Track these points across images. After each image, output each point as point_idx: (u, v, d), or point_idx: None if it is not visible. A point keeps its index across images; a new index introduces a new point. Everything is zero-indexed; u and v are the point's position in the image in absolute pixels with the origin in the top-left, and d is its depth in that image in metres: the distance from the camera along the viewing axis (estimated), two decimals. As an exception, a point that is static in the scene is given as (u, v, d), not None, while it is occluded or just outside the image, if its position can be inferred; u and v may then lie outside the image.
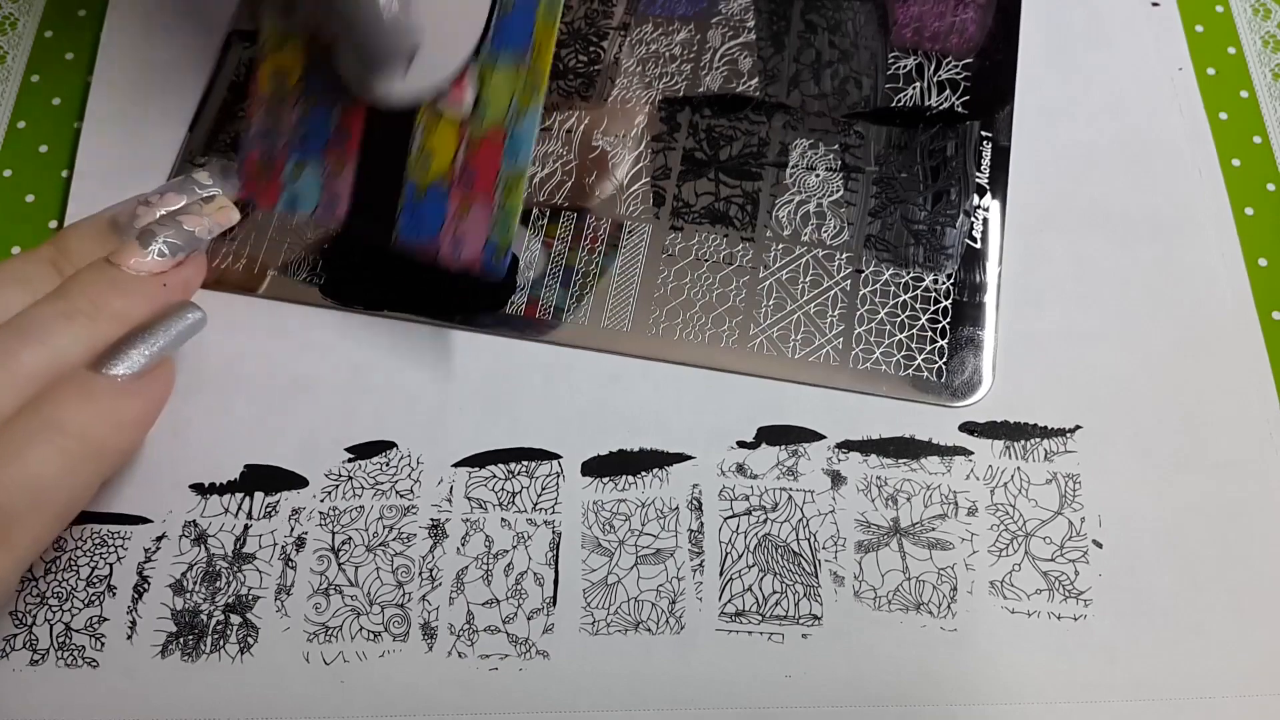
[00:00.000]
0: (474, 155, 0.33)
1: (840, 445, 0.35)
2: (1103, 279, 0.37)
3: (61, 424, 0.29)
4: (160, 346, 0.31)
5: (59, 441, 0.28)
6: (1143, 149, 0.39)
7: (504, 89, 0.33)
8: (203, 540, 0.34)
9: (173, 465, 0.35)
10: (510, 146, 0.33)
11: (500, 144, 0.33)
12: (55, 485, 0.28)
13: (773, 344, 0.36)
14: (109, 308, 0.31)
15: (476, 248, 0.33)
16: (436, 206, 0.34)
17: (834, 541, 0.33)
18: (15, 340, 0.29)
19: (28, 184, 0.40)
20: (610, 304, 0.36)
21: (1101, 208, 0.38)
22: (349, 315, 0.37)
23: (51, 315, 0.30)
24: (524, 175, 0.33)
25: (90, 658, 0.33)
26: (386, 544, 0.34)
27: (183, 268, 0.33)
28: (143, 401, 0.31)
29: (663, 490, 0.34)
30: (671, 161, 0.39)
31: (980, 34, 0.41)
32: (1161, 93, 0.40)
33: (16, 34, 0.43)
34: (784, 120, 0.39)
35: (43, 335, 0.30)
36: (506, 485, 0.34)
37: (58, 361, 0.30)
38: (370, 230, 0.35)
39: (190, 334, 0.32)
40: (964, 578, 0.33)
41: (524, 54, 0.33)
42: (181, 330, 0.32)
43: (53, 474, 0.28)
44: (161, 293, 0.32)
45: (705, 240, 0.37)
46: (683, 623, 0.32)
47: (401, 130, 0.34)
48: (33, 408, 0.29)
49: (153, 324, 0.31)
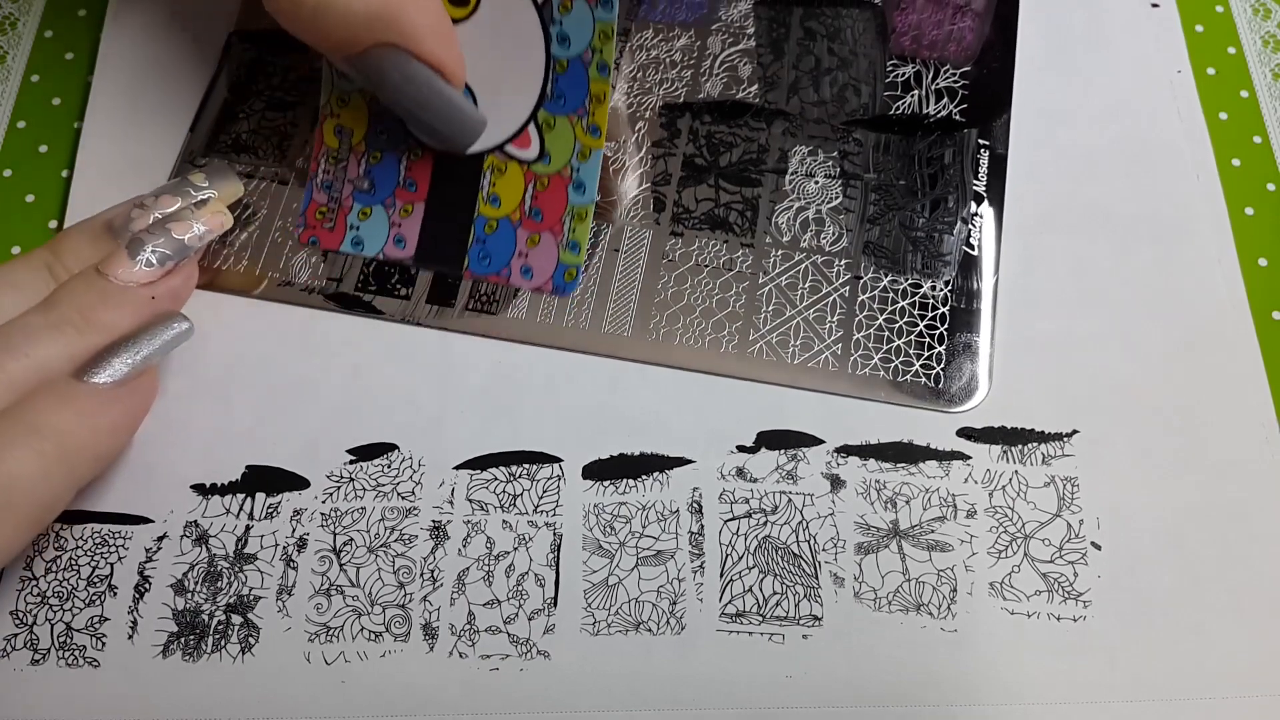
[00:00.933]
0: (540, 195, 0.35)
1: (839, 450, 0.35)
2: (1101, 281, 0.37)
3: (39, 427, 0.29)
4: (144, 355, 0.31)
5: (35, 444, 0.29)
6: (1142, 151, 0.39)
7: (565, 137, 0.35)
8: (204, 540, 0.34)
9: (174, 465, 0.35)
10: (575, 184, 0.35)
11: (566, 183, 0.35)
12: (30, 488, 0.29)
13: (772, 349, 0.36)
14: (96, 320, 0.31)
15: (547, 273, 0.36)
16: (506, 240, 0.36)
17: (834, 543, 0.33)
18: (4, 353, 0.30)
19: (28, 184, 0.40)
20: (611, 309, 0.37)
21: (1100, 210, 0.38)
22: (350, 317, 0.37)
23: (39, 326, 0.31)
24: (590, 207, 0.35)
25: (91, 658, 0.32)
26: (388, 545, 0.34)
27: (171, 277, 0.33)
28: (123, 408, 0.31)
29: (663, 494, 0.34)
30: (672, 167, 0.39)
31: (978, 43, 0.41)
32: (1161, 95, 0.41)
33: (16, 34, 0.43)
34: (783, 127, 0.40)
35: (29, 346, 0.30)
36: (508, 488, 0.35)
37: (42, 372, 0.30)
38: (439, 266, 0.37)
39: (176, 344, 0.33)
40: (963, 579, 0.33)
41: (581, 105, 0.34)
42: (167, 340, 0.32)
43: (28, 475, 0.28)
44: (150, 304, 0.33)
45: (705, 246, 0.38)
46: (683, 623, 0.33)
47: (470, 174, 0.36)
48: (12, 413, 0.29)
49: (138, 333, 0.32)
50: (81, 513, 0.34)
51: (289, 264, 0.38)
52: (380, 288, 0.37)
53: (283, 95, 0.41)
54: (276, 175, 0.39)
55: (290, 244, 0.38)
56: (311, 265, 0.38)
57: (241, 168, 0.39)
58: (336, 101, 0.37)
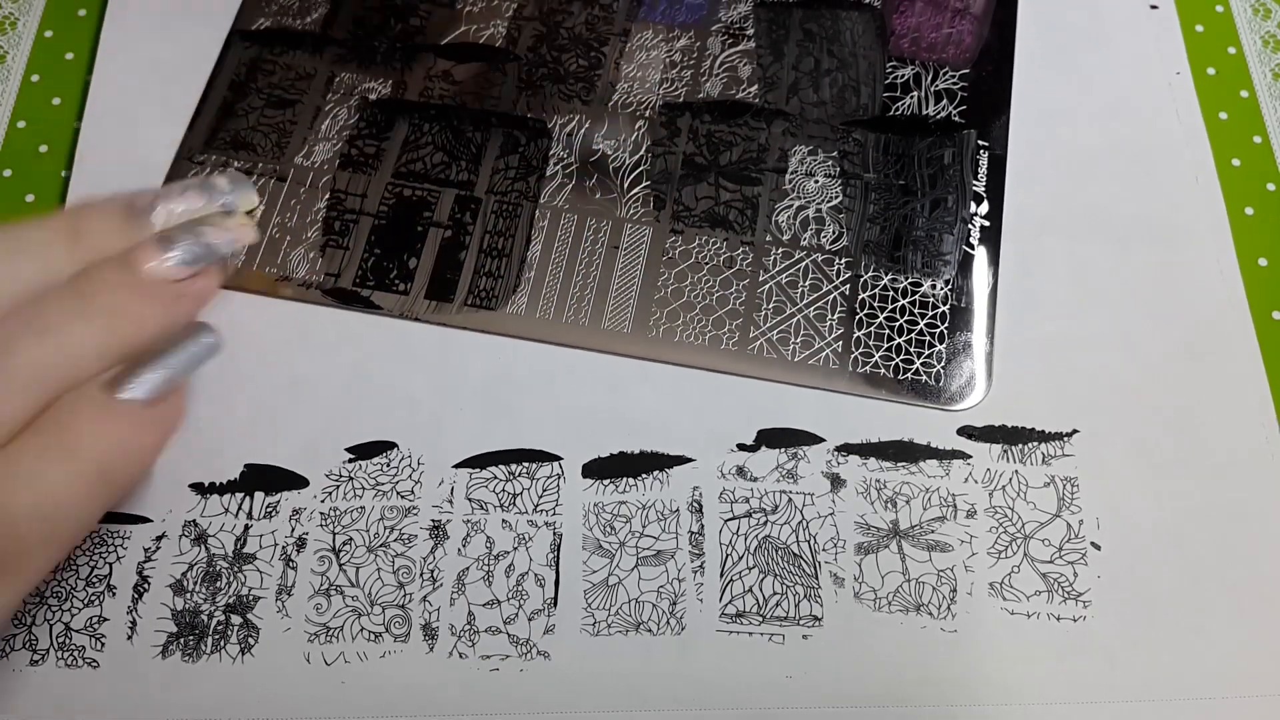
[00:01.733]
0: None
1: (839, 448, 0.35)
2: (1100, 281, 0.37)
3: (78, 449, 0.27)
4: (176, 371, 0.30)
5: (75, 467, 0.27)
6: (1141, 152, 0.39)
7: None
8: (203, 540, 0.34)
9: (172, 464, 0.35)
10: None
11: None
12: (71, 512, 0.27)
13: (772, 347, 0.36)
14: (127, 311, 0.30)
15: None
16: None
17: (834, 543, 0.33)
18: (30, 335, 0.28)
19: (28, 184, 0.40)
20: (611, 306, 0.37)
21: (1100, 210, 0.38)
22: (349, 314, 0.37)
23: (69, 314, 0.29)
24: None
25: (90, 658, 0.32)
26: (387, 545, 0.34)
27: (198, 279, 0.32)
28: (157, 430, 0.30)
29: (663, 493, 0.34)
30: (672, 166, 0.39)
31: (976, 45, 0.41)
32: (1160, 95, 0.41)
33: (16, 34, 0.43)
34: (783, 127, 0.40)
35: (60, 332, 0.29)
36: (507, 487, 0.34)
37: (71, 361, 0.28)
38: None
39: (205, 358, 0.31)
40: (963, 579, 0.33)
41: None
42: (197, 353, 0.31)
43: (69, 499, 0.27)
44: (179, 302, 0.31)
45: (705, 244, 0.38)
46: (683, 624, 0.33)
47: None
48: (48, 428, 0.28)
49: (168, 346, 0.30)
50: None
51: (287, 259, 0.38)
52: (379, 283, 0.37)
53: (282, 93, 0.41)
54: (275, 172, 0.39)
55: (288, 239, 0.38)
56: (309, 261, 0.38)
57: (240, 164, 0.39)
58: None
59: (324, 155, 0.40)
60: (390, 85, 0.41)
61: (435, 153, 0.39)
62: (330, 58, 0.42)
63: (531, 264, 0.37)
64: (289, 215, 0.39)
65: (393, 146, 0.40)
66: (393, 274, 0.37)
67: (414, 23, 0.42)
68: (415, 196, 0.39)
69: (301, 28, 0.42)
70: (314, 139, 0.40)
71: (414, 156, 0.39)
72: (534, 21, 0.42)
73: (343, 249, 0.38)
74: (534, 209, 0.38)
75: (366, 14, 0.43)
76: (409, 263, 0.38)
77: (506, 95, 0.41)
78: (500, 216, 0.38)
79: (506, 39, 0.42)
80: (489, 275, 0.37)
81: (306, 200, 0.39)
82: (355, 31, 0.42)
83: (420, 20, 0.42)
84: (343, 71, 0.41)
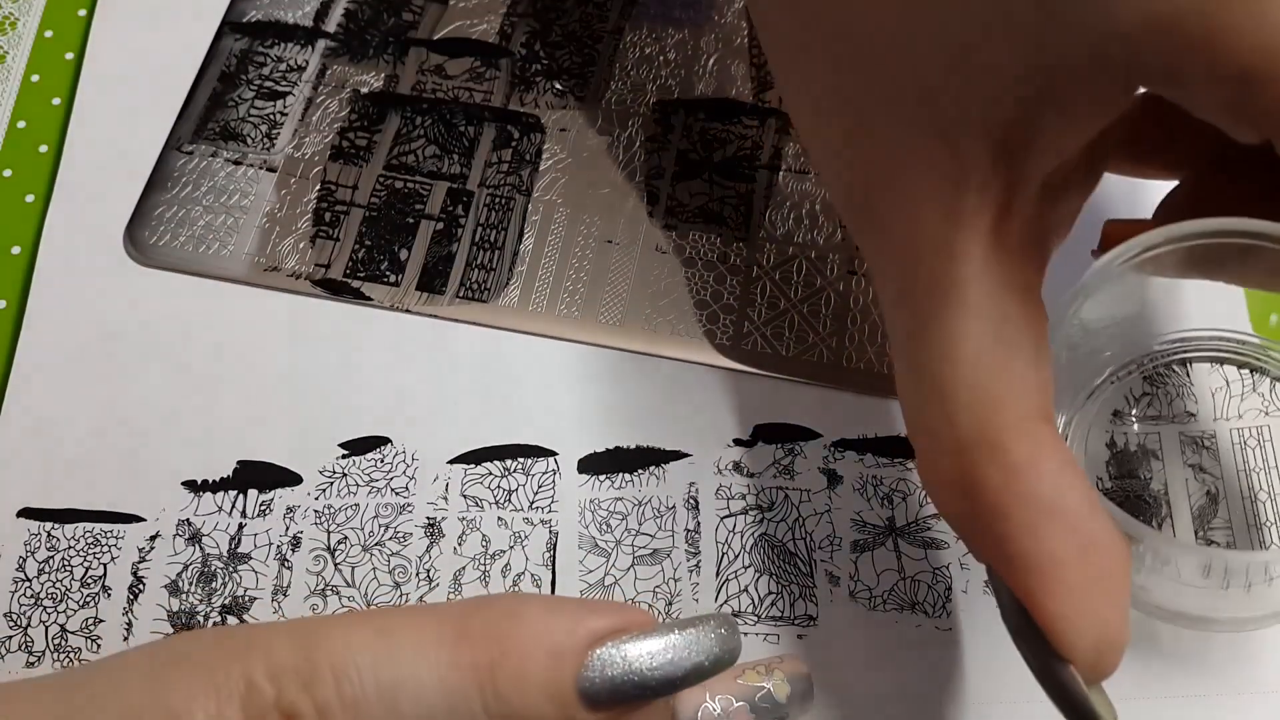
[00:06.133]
0: None
1: (836, 444, 0.35)
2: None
3: None
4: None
5: None
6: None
7: None
8: (197, 539, 0.34)
9: (163, 460, 0.35)
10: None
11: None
12: None
13: (766, 341, 0.36)
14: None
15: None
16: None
17: (830, 541, 0.33)
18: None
19: (28, 184, 0.40)
20: (605, 300, 0.37)
21: (1096, 209, 0.38)
22: (340, 305, 0.37)
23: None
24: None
25: (87, 660, 0.32)
26: (383, 543, 0.34)
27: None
28: None
29: (659, 489, 0.34)
30: (665, 162, 0.39)
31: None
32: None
33: (16, 34, 0.42)
34: (777, 124, 0.39)
35: None
36: (502, 483, 0.34)
37: None
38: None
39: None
40: (959, 577, 0.33)
41: None
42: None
43: None
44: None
45: (699, 240, 0.37)
46: (680, 622, 0.33)
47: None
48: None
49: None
50: (72, 511, 0.34)
51: (276, 249, 0.38)
52: (369, 274, 0.37)
53: (273, 85, 0.40)
54: (265, 163, 0.39)
55: (277, 230, 0.38)
56: (299, 251, 0.38)
57: (229, 154, 0.39)
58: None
59: (315, 147, 0.39)
60: (383, 79, 0.41)
61: (428, 146, 0.39)
62: (322, 50, 0.41)
63: (524, 257, 0.37)
64: (279, 206, 0.38)
65: (384, 140, 0.39)
66: (384, 264, 0.37)
67: (406, 17, 0.42)
68: (407, 188, 0.39)
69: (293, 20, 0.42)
70: (305, 131, 0.40)
71: (406, 149, 0.39)
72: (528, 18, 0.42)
73: (333, 240, 0.38)
74: (527, 202, 0.38)
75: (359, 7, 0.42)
76: (400, 254, 0.37)
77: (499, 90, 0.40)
78: (492, 210, 0.38)
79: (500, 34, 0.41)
80: (481, 268, 0.37)
81: (297, 190, 0.39)
82: (348, 25, 0.42)
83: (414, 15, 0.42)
84: (335, 64, 0.41)
